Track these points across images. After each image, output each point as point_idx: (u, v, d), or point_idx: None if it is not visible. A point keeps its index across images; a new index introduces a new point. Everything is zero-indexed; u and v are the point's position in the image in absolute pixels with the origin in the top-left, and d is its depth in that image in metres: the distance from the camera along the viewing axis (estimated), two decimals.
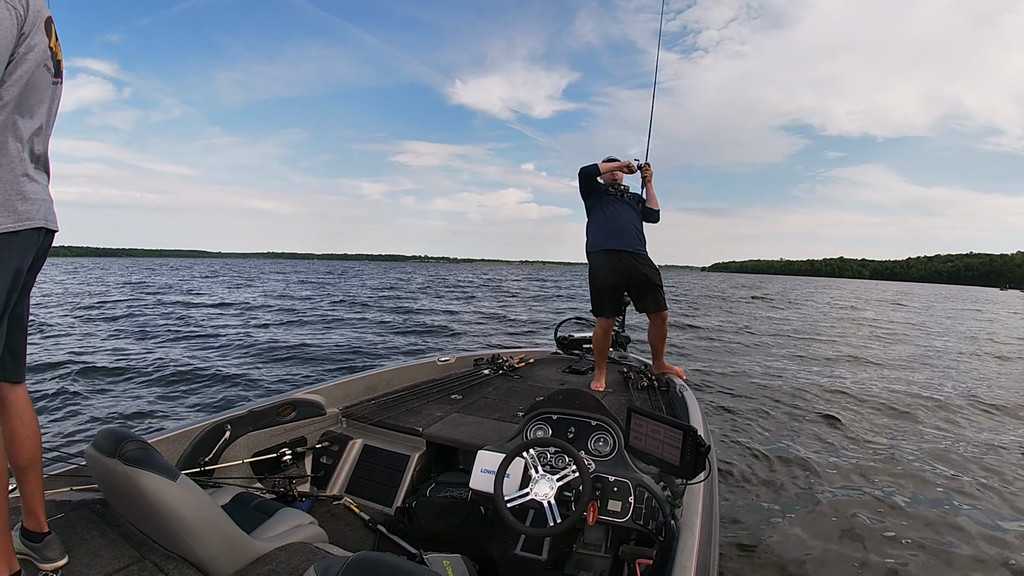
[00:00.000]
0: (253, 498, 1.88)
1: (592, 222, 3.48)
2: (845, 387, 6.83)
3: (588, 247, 3.45)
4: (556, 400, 2.06)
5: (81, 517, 1.49)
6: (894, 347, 11.34)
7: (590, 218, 3.50)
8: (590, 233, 3.47)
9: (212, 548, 1.33)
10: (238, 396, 5.89)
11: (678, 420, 1.63)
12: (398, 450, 2.53)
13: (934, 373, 8.29)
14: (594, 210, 3.47)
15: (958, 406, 6.05)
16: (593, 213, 3.48)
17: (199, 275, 40.54)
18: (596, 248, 3.40)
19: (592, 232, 3.46)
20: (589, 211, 3.51)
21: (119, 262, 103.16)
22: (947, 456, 4.34)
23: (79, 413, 5.00)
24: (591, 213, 3.49)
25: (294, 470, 2.48)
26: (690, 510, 1.52)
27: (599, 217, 3.43)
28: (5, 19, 1.07)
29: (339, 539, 1.98)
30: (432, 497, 2.19)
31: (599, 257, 3.39)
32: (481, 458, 1.82)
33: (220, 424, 2.25)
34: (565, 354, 4.50)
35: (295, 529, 1.65)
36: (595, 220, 3.46)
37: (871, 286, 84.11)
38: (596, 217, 3.45)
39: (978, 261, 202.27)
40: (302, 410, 2.61)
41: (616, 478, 1.70)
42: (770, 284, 64.20)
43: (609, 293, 3.43)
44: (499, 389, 3.37)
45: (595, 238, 3.43)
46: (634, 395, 3.27)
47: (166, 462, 1.34)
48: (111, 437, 1.34)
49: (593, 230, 3.46)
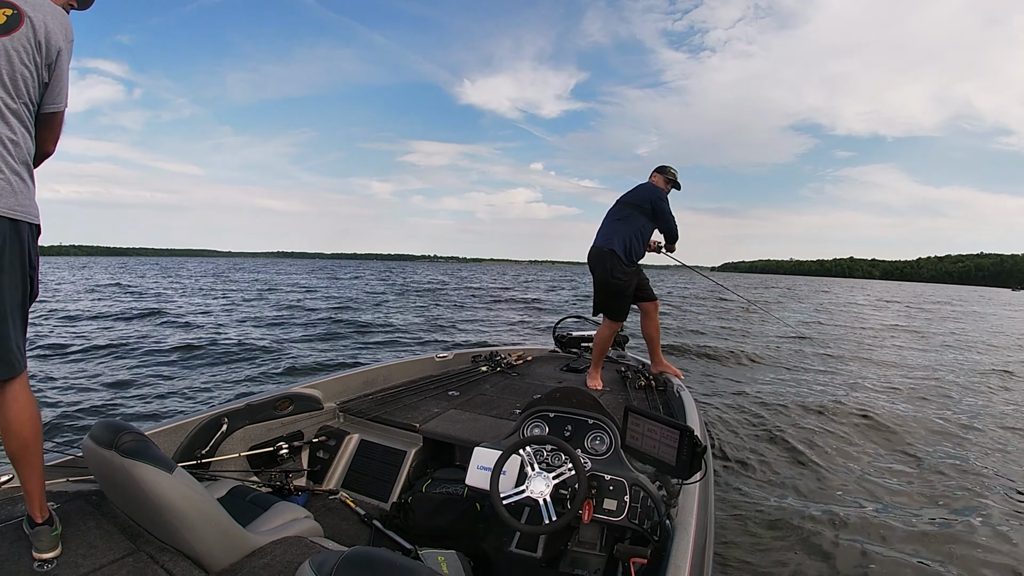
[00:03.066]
0: (249, 491, 1.88)
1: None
2: (853, 390, 6.82)
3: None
4: (553, 398, 2.07)
5: (77, 508, 1.49)
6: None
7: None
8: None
9: (207, 541, 1.33)
10: (236, 389, 5.90)
11: (675, 420, 1.63)
12: (395, 445, 2.53)
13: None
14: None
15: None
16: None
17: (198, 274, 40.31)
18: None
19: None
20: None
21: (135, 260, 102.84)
22: (957, 466, 4.20)
23: (76, 404, 5.00)
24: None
25: (291, 464, 2.48)
26: (685, 510, 1.52)
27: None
28: None
29: (335, 533, 1.98)
30: (428, 493, 2.19)
31: (589, 254, 3.53)
32: (478, 455, 1.82)
33: (217, 417, 2.25)
34: (563, 352, 4.51)
35: (291, 523, 1.65)
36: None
37: (891, 287, 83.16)
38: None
39: (988, 262, 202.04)
40: (299, 404, 2.61)
41: (612, 477, 1.70)
42: (775, 284, 63.63)
43: (596, 287, 3.53)
44: (497, 386, 3.37)
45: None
46: (631, 394, 3.27)
47: (163, 454, 1.34)
48: (108, 428, 1.34)
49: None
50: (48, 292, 17.32)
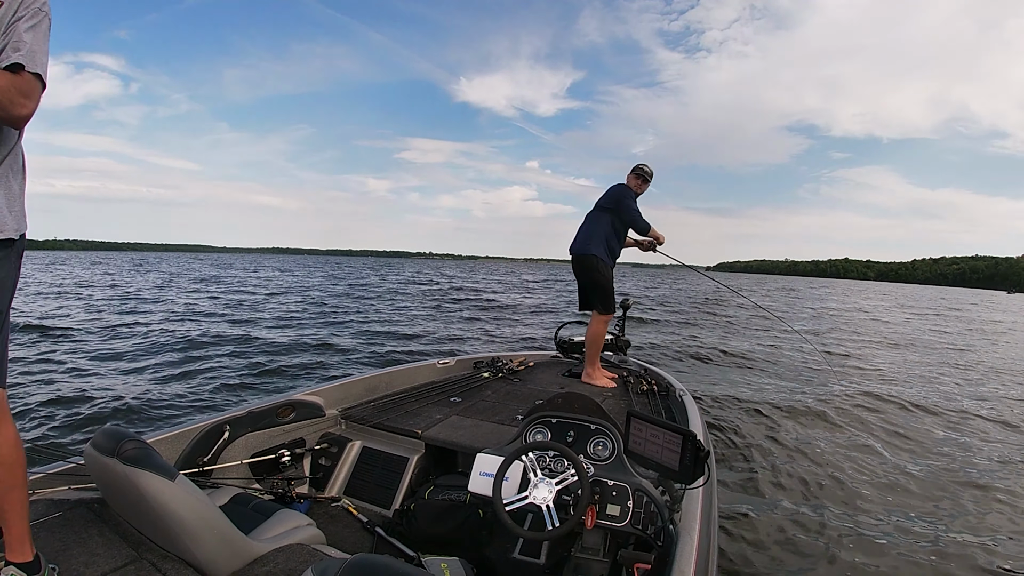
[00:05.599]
0: (251, 499, 1.88)
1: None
2: (856, 393, 6.79)
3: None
4: (555, 404, 2.06)
5: (79, 516, 1.49)
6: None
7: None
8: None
9: (209, 548, 1.33)
10: (239, 397, 5.89)
11: (677, 425, 1.62)
12: (397, 452, 2.53)
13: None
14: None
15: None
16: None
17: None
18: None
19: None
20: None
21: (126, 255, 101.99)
22: (966, 475, 4.12)
23: (78, 412, 5.00)
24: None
25: (293, 471, 2.47)
26: (689, 515, 1.52)
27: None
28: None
29: (337, 541, 1.97)
30: (431, 500, 2.19)
31: (572, 261, 3.83)
32: (480, 461, 1.82)
33: (219, 424, 2.25)
34: (565, 357, 4.50)
35: (293, 530, 1.65)
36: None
37: (888, 288, 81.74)
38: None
39: (983, 264, 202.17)
40: (301, 411, 2.61)
41: (615, 482, 1.70)
42: (767, 284, 63.06)
43: (580, 287, 3.83)
44: (498, 392, 3.37)
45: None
46: (633, 399, 3.27)
47: (165, 462, 1.34)
48: (110, 436, 1.34)
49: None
50: (48, 293, 17.25)
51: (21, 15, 1.20)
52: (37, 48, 1.19)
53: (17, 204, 1.25)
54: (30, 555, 1.23)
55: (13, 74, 1.14)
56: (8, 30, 1.19)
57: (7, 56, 1.16)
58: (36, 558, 1.24)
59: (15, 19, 1.19)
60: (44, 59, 1.21)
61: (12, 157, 1.23)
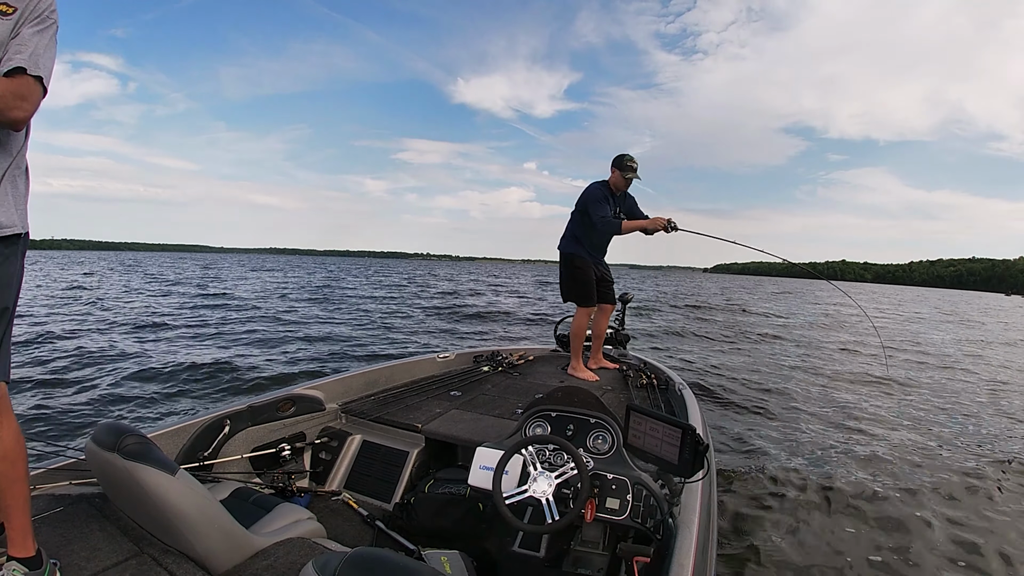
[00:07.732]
0: (252, 493, 1.88)
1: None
2: (853, 389, 6.82)
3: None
4: (555, 397, 2.06)
5: (80, 511, 1.50)
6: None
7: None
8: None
9: (210, 543, 1.33)
10: (239, 389, 5.90)
11: (677, 418, 1.63)
12: (397, 446, 2.54)
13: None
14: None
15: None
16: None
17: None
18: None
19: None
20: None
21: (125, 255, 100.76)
22: (965, 469, 4.15)
23: (79, 406, 5.01)
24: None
25: (293, 465, 2.48)
26: (688, 508, 1.52)
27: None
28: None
29: (337, 535, 1.98)
30: (431, 493, 2.19)
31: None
32: (480, 455, 1.82)
33: (219, 419, 2.25)
34: (564, 351, 4.50)
35: (293, 524, 1.65)
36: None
37: (887, 290, 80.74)
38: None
39: (980, 266, 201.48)
40: (301, 405, 2.61)
41: (614, 476, 1.70)
42: (765, 287, 62.47)
43: (561, 281, 3.95)
44: (498, 386, 3.37)
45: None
46: (633, 393, 3.27)
47: (165, 456, 1.34)
48: (111, 431, 1.34)
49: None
50: (47, 292, 17.24)
51: (29, 20, 1.22)
52: (41, 52, 1.21)
53: (23, 203, 1.28)
54: (32, 550, 1.23)
55: (10, 78, 1.15)
56: (16, 34, 1.21)
57: (10, 59, 1.18)
58: (38, 553, 1.24)
59: (22, 23, 1.21)
60: (48, 63, 1.22)
61: (20, 157, 1.26)
